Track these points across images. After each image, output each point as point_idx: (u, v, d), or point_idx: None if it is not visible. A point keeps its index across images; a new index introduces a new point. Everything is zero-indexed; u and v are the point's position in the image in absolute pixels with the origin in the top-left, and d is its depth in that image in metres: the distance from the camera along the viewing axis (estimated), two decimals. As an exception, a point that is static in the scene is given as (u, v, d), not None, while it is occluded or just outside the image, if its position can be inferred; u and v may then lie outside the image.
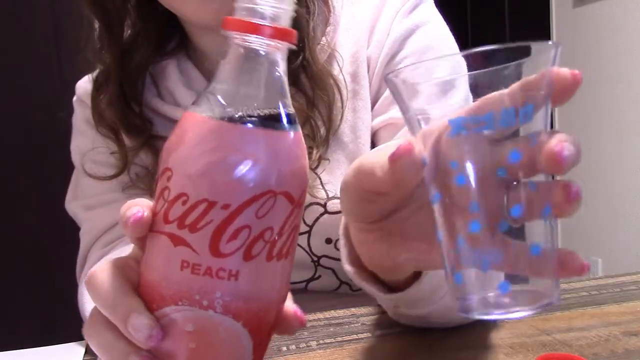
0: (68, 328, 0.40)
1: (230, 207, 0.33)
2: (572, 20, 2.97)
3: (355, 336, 0.60)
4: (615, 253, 2.74)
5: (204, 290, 0.33)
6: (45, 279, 2.09)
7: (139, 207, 0.35)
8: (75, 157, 0.83)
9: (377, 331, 0.61)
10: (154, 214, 0.35)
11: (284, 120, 0.35)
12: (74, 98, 0.85)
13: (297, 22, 0.68)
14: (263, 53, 0.34)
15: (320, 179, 0.72)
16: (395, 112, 0.71)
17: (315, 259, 0.74)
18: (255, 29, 0.34)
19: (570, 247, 0.33)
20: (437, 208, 0.36)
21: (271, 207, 0.33)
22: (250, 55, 0.35)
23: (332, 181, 0.72)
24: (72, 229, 0.84)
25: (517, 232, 0.34)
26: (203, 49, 0.76)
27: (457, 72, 0.36)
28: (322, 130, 0.70)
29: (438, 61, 0.44)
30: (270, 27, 0.34)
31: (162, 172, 0.35)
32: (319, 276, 0.76)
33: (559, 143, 0.32)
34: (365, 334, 0.60)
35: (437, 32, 0.76)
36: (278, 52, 0.35)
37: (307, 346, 0.58)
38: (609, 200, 2.78)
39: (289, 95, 0.36)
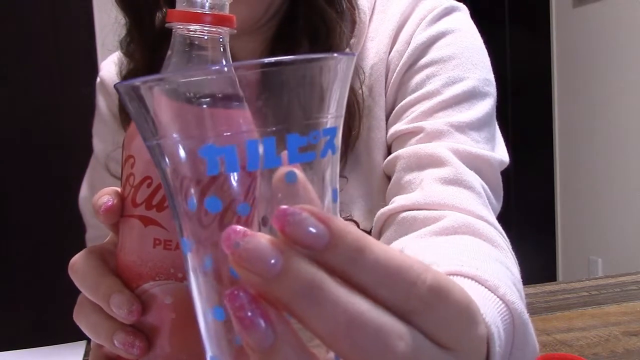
0: (68, 328, 0.41)
1: None
2: (572, 20, 2.97)
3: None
4: (615, 253, 2.74)
5: (177, 263, 0.35)
6: (45, 279, 2.09)
7: (108, 195, 0.38)
8: (96, 143, 0.82)
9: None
10: (123, 199, 0.38)
11: (234, 99, 0.37)
12: (97, 80, 0.83)
13: (328, 26, 0.66)
14: (206, 39, 0.37)
15: None
16: (407, 122, 0.67)
17: None
18: (196, 18, 0.36)
19: (570, 247, 0.32)
20: None
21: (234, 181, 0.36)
22: (195, 42, 0.37)
23: (345, 201, 0.70)
24: (72, 228, 0.84)
25: None
26: (233, 51, 0.75)
27: None
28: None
29: None
30: (210, 14, 0.36)
31: (125, 159, 0.38)
32: None
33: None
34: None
35: (465, 42, 0.70)
36: (220, 38, 0.37)
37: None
38: (609, 201, 2.78)
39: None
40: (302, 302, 0.23)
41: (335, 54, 0.27)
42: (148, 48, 0.69)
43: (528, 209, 2.90)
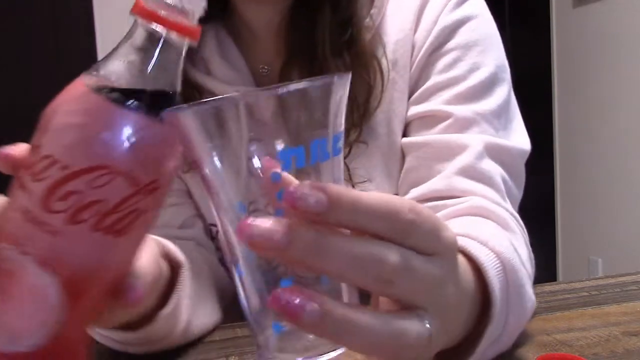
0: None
1: (68, 169, 0.34)
2: (572, 20, 2.97)
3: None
4: (615, 253, 2.74)
5: (27, 236, 0.35)
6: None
7: (17, 148, 0.38)
8: None
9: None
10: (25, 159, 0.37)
11: (155, 107, 0.35)
12: None
13: None
14: (162, 41, 0.36)
15: (347, 165, 0.69)
16: (435, 104, 0.69)
17: None
18: (159, 20, 0.36)
19: (570, 247, 0.32)
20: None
21: (107, 183, 0.35)
22: (150, 41, 0.36)
23: (365, 166, 0.70)
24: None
25: None
26: (247, 21, 0.74)
27: None
28: (355, 115, 0.68)
29: None
30: (173, 22, 0.36)
31: (39, 125, 0.38)
32: None
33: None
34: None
35: (486, 28, 0.73)
36: (177, 44, 0.36)
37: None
38: (609, 200, 2.78)
39: (178, 84, 0.37)
40: (314, 257, 0.30)
41: (334, 78, 0.32)
42: None
43: (528, 209, 2.90)
